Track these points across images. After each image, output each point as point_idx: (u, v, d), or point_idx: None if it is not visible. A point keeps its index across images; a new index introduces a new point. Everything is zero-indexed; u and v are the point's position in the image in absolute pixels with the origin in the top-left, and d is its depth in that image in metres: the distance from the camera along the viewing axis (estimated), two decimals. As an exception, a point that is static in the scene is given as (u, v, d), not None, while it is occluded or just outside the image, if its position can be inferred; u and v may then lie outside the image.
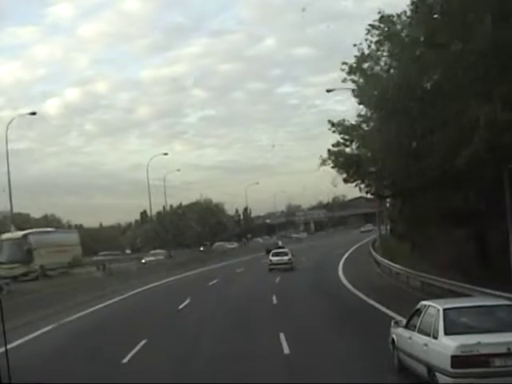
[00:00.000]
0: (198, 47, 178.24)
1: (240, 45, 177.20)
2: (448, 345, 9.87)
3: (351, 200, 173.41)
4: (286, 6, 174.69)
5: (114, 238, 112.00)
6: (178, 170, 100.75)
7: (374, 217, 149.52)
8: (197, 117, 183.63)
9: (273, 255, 48.95)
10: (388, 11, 24.86)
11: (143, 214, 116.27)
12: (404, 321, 12.52)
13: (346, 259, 53.38)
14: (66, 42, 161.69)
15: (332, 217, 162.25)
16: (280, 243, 75.94)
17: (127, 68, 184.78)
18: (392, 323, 13.03)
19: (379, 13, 24.96)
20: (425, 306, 11.61)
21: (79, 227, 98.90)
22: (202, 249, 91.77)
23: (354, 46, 26.53)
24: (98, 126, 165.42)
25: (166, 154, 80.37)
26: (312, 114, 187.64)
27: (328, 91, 44.40)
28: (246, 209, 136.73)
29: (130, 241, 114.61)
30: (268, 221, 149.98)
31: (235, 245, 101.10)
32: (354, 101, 28.15)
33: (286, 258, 47.99)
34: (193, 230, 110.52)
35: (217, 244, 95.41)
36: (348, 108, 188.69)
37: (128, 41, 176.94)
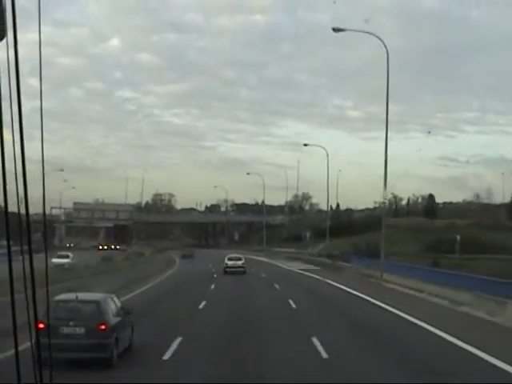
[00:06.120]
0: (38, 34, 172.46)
1: (84, 40, 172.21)
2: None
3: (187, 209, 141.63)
4: (136, 8, 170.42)
5: None
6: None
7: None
8: (29, 107, 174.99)
9: (228, 259, 53.25)
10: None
11: None
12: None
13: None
14: None
15: (153, 222, 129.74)
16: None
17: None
18: None
19: None
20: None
21: None
22: None
23: None
24: None
25: None
26: (148, 123, 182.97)
27: (335, 30, 40.47)
28: None
29: None
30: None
31: None
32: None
33: (240, 262, 52.71)
34: None
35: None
36: (185, 122, 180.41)
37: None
